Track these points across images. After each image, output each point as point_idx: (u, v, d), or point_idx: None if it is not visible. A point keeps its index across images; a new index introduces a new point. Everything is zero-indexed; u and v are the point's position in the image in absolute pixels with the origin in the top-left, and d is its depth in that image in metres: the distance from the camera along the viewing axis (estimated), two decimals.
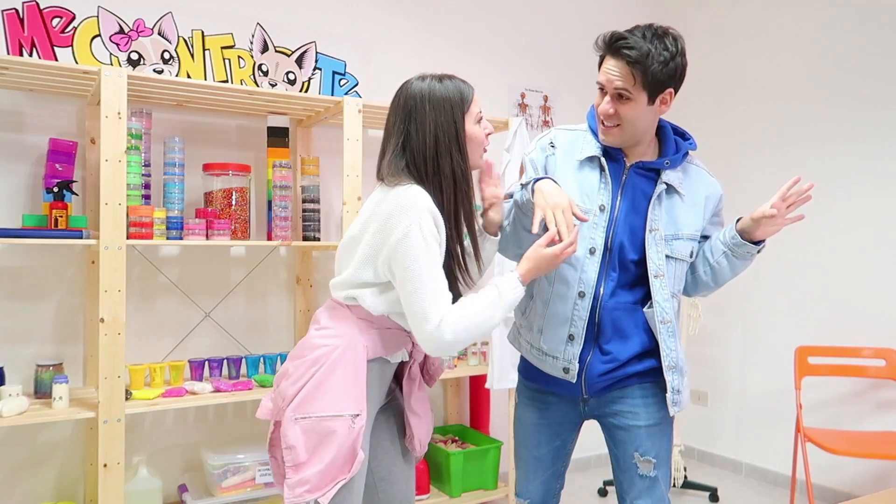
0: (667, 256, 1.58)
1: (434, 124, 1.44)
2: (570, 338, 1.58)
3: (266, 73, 2.78)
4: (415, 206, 1.37)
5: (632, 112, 1.52)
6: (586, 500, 3.20)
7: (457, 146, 1.45)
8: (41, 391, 2.22)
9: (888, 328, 2.97)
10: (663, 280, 1.56)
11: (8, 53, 2.30)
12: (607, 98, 1.54)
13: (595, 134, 1.63)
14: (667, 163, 1.59)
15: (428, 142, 1.44)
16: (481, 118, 1.51)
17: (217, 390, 2.36)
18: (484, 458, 2.91)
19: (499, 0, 3.43)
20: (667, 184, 1.60)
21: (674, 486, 3.22)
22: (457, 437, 3.10)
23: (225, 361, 2.58)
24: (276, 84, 2.80)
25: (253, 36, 2.75)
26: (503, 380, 2.77)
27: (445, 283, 1.40)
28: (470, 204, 1.49)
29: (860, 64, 3.10)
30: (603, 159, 1.61)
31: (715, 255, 1.63)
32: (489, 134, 1.53)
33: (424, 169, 1.44)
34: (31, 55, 2.34)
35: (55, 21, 2.39)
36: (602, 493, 3.27)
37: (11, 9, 2.32)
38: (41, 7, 2.36)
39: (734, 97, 3.65)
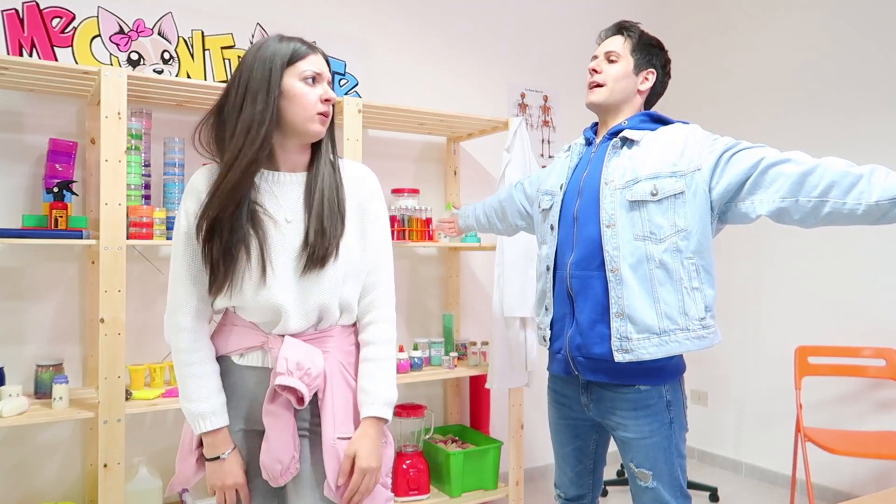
0: (630, 202, 1.56)
1: (249, 72, 1.29)
2: (546, 309, 1.73)
3: None
4: (185, 191, 1.36)
5: (616, 71, 1.68)
6: None
7: (265, 94, 1.26)
8: (41, 391, 2.22)
9: (888, 328, 2.97)
10: (615, 229, 1.56)
11: (8, 53, 2.30)
12: (599, 59, 1.72)
13: (585, 141, 1.78)
14: (624, 122, 1.68)
15: (238, 91, 1.29)
16: (313, 78, 1.31)
17: None
18: (484, 458, 2.91)
19: (499, 0, 3.43)
20: (623, 137, 1.64)
21: None
22: (457, 437, 3.10)
23: None
24: None
25: (253, 36, 2.75)
26: (503, 380, 2.77)
27: (191, 277, 1.33)
28: (260, 150, 1.28)
29: (857, 69, 3.10)
30: (578, 146, 1.77)
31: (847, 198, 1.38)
32: (326, 101, 1.32)
33: (229, 127, 1.29)
34: (31, 55, 2.34)
35: (55, 21, 2.39)
36: (602, 493, 3.27)
37: (11, 9, 2.32)
38: (41, 7, 2.36)
39: (731, 101, 3.65)
